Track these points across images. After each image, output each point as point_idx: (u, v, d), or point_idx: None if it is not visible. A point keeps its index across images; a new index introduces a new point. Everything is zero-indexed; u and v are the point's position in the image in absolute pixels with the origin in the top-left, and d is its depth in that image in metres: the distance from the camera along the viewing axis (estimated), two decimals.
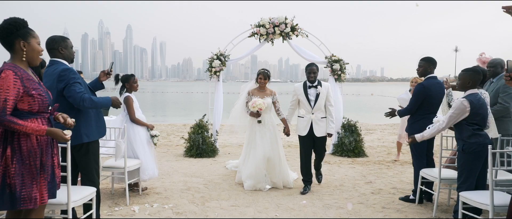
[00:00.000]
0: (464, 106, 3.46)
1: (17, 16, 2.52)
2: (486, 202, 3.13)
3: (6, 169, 2.36)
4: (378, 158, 7.38)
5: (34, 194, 2.42)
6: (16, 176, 2.36)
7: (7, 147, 2.37)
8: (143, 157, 4.71)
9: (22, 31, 2.47)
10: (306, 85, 4.97)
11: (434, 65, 4.35)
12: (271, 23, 7.40)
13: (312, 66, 4.96)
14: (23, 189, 2.38)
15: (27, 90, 2.41)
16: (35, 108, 2.46)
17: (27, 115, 2.44)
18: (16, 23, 2.45)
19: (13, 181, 2.36)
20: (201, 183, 5.33)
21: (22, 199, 2.38)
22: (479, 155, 3.41)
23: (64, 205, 2.96)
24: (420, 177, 4.32)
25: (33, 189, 2.42)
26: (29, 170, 2.41)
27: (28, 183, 2.41)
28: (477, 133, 3.45)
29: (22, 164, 2.39)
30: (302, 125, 4.95)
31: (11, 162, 2.36)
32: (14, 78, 2.35)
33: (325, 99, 4.93)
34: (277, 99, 5.26)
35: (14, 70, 2.38)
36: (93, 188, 3.34)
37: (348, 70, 7.90)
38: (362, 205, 4.41)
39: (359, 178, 5.71)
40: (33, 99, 2.44)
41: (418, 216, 4.04)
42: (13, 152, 2.37)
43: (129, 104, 4.76)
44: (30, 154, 2.42)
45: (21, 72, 2.42)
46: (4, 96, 2.31)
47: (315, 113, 4.89)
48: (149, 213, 4.05)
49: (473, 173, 3.47)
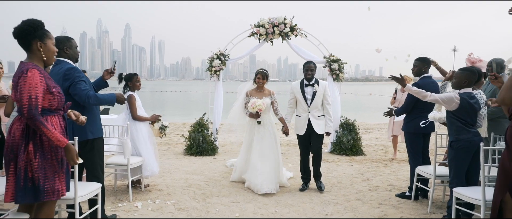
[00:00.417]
0: (454, 98, 3.59)
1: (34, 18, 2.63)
2: (478, 198, 3.25)
3: (28, 163, 2.47)
4: (376, 156, 7.49)
5: (57, 186, 2.56)
6: (39, 170, 2.48)
7: (29, 142, 2.49)
8: (145, 154, 4.81)
9: (39, 32, 2.58)
10: (303, 83, 4.96)
11: (429, 65, 4.48)
12: (270, 23, 7.50)
13: (310, 64, 4.94)
14: (47, 182, 2.51)
15: (49, 88, 2.54)
16: (54, 106, 2.58)
17: (46, 111, 2.56)
18: (34, 25, 2.57)
19: (36, 175, 2.48)
20: (202, 181, 5.43)
21: (45, 191, 2.51)
22: (467, 151, 3.53)
23: (71, 200, 3.06)
24: (416, 174, 4.43)
25: (55, 181, 2.55)
26: (51, 164, 2.54)
27: (51, 176, 2.54)
28: (466, 129, 3.57)
29: (44, 158, 2.51)
30: (299, 124, 4.95)
31: (34, 157, 2.48)
32: (39, 77, 2.48)
33: (322, 97, 4.91)
34: (275, 99, 5.22)
35: (38, 69, 2.50)
36: (99, 184, 3.44)
37: (347, 70, 8.02)
38: (359, 202, 4.52)
39: (357, 176, 5.82)
40: (53, 97, 2.56)
41: (413, 212, 4.15)
42: (35, 147, 2.49)
43: (131, 102, 4.85)
44: (51, 149, 2.55)
45: (43, 72, 2.53)
46: (35, 94, 2.44)
47: (311, 111, 4.88)
48: (152, 209, 4.15)
49: (461, 168, 3.60)
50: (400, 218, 3.95)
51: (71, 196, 3.03)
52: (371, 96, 42.36)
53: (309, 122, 4.88)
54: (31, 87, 2.43)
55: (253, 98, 5.08)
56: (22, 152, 2.48)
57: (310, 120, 4.87)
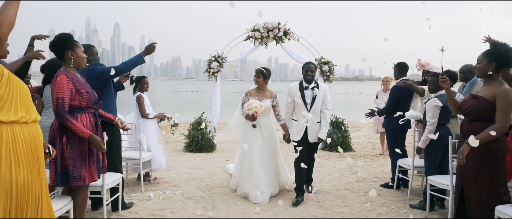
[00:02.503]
0: (437, 104, 4.12)
1: (64, 32, 3.13)
2: (448, 183, 3.80)
3: (62, 153, 2.94)
4: (364, 152, 8.06)
5: (83, 173, 3.02)
6: (69, 159, 2.95)
7: (63, 135, 2.96)
8: (154, 150, 5.28)
9: (69, 43, 3.07)
10: (302, 85, 4.55)
11: (406, 69, 5.10)
12: (265, 28, 8.01)
13: (310, 64, 4.57)
14: (75, 170, 2.97)
15: (78, 89, 3.00)
16: (84, 104, 3.05)
17: (77, 110, 3.02)
18: (65, 38, 3.07)
19: (66, 163, 2.95)
20: (204, 174, 5.91)
21: (74, 178, 2.97)
22: (440, 145, 4.07)
23: (99, 187, 3.54)
24: (398, 166, 4.99)
25: (82, 169, 3.01)
26: (80, 154, 3.01)
27: (79, 164, 3.00)
28: (440, 126, 4.12)
29: (74, 149, 2.98)
30: (296, 129, 4.56)
31: (66, 147, 2.95)
32: (66, 80, 2.95)
33: (321, 102, 4.56)
34: (278, 103, 4.79)
35: (66, 74, 2.97)
36: (120, 174, 3.92)
37: (337, 70, 8.62)
38: (347, 191, 5.06)
39: (346, 169, 6.36)
40: (82, 97, 3.03)
41: (395, 199, 4.70)
42: (67, 140, 2.96)
43: (140, 102, 5.33)
44: (80, 141, 3.01)
45: (71, 76, 3.01)
46: (61, 96, 2.91)
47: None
48: (163, 198, 4.63)
49: (435, 159, 4.15)
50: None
51: (100, 184, 3.51)
52: (360, 96, 43.17)
53: (306, 128, 4.53)
54: (59, 90, 2.92)
55: (252, 99, 4.71)
56: (57, 143, 2.96)
57: (308, 126, 4.52)
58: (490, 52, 3.15)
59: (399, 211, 4.24)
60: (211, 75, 8.31)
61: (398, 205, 4.43)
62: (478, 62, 3.23)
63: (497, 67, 3.12)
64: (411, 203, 4.47)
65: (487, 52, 3.18)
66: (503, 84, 3.10)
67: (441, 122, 4.17)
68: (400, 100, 4.98)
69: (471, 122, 3.21)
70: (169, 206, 4.31)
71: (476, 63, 3.27)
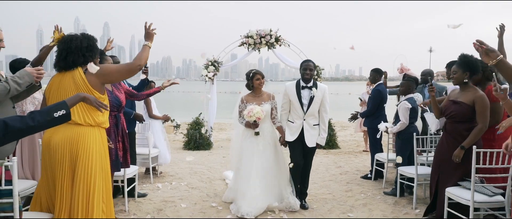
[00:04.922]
0: (408, 107, 4.84)
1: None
2: (413, 172, 4.53)
3: None
4: (349, 149, 8.80)
5: None
6: None
7: None
8: (160, 146, 5.93)
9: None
10: (299, 85, 4.28)
11: (381, 75, 5.89)
12: (258, 35, 8.72)
13: (309, 62, 4.33)
14: None
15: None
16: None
17: None
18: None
19: None
20: (205, 169, 6.57)
21: None
22: (409, 140, 4.79)
23: (119, 176, 4.18)
24: (375, 160, 5.72)
25: None
26: None
27: None
28: (409, 125, 4.85)
29: None
30: (291, 130, 4.29)
31: None
32: None
33: (319, 103, 4.30)
34: (275, 105, 4.45)
35: None
36: (136, 166, 4.59)
37: (327, 72, 9.37)
38: (332, 181, 5.78)
39: (331, 164, 7.08)
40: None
41: (372, 187, 5.42)
42: None
43: (148, 103, 5.97)
44: None
45: None
46: None
47: (307, 119, 4.27)
48: (171, 188, 5.28)
49: (405, 153, 4.88)
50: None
51: (121, 174, 4.15)
52: (350, 96, 44.04)
53: (302, 130, 4.28)
54: None
55: (250, 105, 4.31)
56: None
57: (304, 128, 4.27)
58: (463, 63, 3.74)
59: (374, 197, 4.96)
60: (208, 79, 8.97)
61: (374, 193, 5.16)
62: (453, 73, 3.83)
63: (470, 75, 3.76)
64: (385, 190, 5.20)
65: (460, 63, 3.76)
66: (478, 91, 3.74)
67: (410, 122, 4.89)
68: (381, 102, 5.71)
69: (455, 123, 3.82)
70: (177, 194, 4.97)
71: (452, 73, 3.87)
